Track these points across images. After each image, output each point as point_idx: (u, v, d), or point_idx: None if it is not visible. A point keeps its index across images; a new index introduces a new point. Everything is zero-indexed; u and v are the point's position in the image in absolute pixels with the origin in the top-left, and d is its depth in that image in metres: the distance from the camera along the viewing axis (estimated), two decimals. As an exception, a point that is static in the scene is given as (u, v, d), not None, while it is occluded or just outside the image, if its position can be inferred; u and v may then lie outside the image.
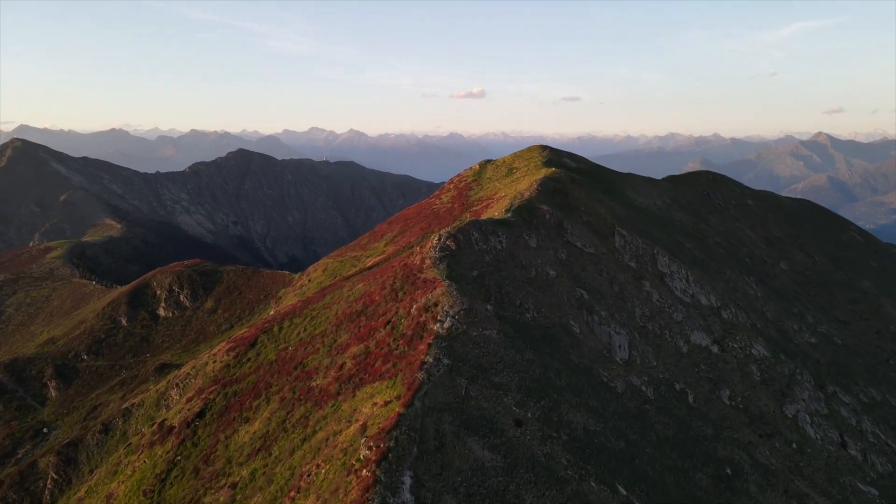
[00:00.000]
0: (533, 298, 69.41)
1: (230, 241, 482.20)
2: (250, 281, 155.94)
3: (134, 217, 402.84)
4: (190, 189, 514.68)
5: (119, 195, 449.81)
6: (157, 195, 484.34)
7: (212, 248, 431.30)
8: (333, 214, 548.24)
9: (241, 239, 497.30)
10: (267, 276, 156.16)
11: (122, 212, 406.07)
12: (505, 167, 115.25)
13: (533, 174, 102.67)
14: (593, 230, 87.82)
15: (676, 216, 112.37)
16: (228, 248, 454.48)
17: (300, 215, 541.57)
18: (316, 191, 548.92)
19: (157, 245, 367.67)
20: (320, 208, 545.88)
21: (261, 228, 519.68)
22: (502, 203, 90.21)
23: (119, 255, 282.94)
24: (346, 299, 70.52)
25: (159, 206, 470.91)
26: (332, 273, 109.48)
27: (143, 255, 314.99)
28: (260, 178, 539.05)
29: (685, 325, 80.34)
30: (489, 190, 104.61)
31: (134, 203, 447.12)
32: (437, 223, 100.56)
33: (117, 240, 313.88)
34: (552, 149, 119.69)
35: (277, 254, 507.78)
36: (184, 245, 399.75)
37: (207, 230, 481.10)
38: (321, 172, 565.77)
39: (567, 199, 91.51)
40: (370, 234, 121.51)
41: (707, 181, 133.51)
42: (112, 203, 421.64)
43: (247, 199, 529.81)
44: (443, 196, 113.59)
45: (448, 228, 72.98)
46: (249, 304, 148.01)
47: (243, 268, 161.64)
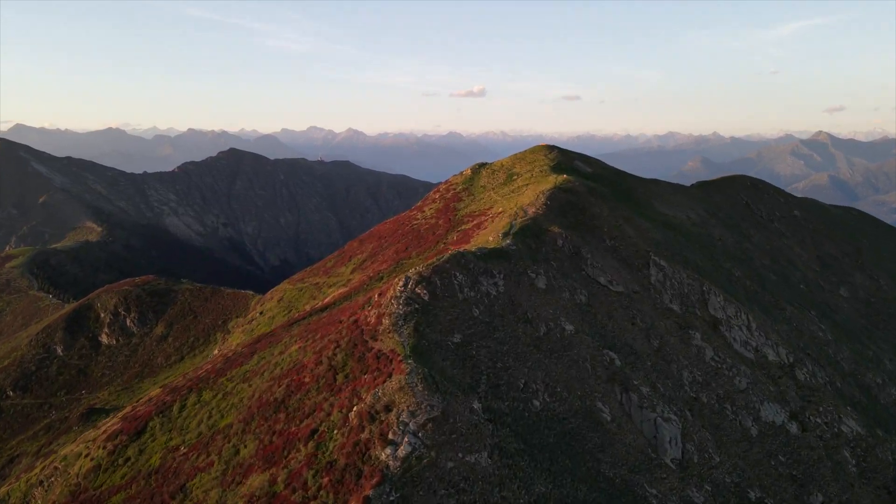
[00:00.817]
0: (544, 372, 45.94)
1: (220, 244, 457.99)
2: (208, 302, 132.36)
3: (117, 219, 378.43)
4: (179, 190, 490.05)
5: (103, 196, 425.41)
6: (143, 196, 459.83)
7: (200, 252, 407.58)
8: (327, 216, 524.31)
9: (231, 241, 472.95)
10: (227, 296, 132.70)
11: (105, 214, 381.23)
12: (503, 172, 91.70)
13: (538, 182, 79.33)
14: (621, 259, 64.35)
15: (715, 233, 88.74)
16: (218, 250, 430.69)
17: (293, 217, 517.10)
18: (310, 191, 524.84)
19: (139, 249, 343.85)
20: (314, 209, 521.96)
21: (252, 230, 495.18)
22: (499, 222, 66.82)
23: (89, 262, 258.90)
24: (271, 371, 47.50)
25: (146, 208, 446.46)
26: (287, 305, 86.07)
27: (120, 261, 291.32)
28: (252, 179, 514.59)
29: (751, 394, 56.90)
30: (483, 202, 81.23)
31: (119, 204, 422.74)
32: (415, 244, 77.08)
33: (92, 245, 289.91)
34: (560, 149, 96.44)
35: (269, 256, 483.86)
36: (170, 248, 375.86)
37: (196, 232, 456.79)
38: (315, 172, 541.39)
39: (585, 217, 68.04)
40: (339, 253, 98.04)
41: (744, 188, 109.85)
42: (95, 205, 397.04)
43: (238, 200, 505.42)
44: (426, 208, 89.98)
45: (420, 268, 49.36)
46: (205, 330, 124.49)
47: (201, 287, 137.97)
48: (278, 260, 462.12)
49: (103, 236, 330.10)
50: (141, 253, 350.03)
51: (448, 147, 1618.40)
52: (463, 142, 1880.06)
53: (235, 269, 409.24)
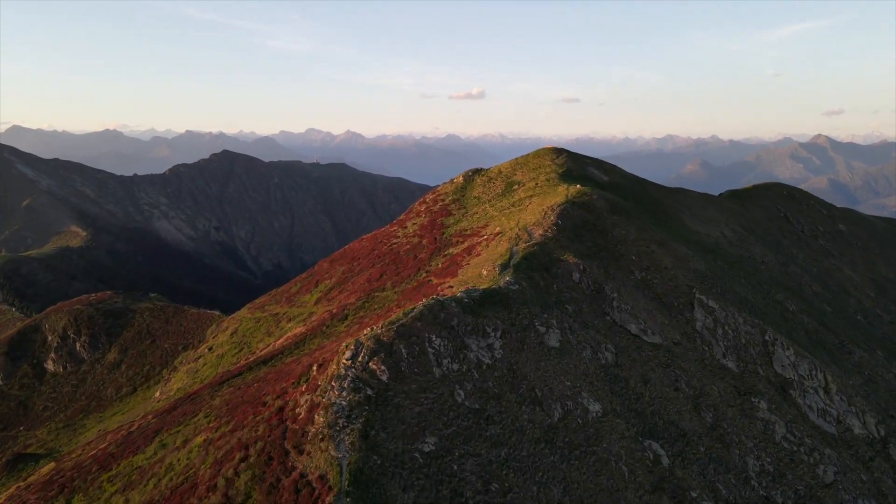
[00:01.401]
0: (561, 487, 30.07)
1: (211, 248, 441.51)
2: (169, 324, 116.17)
3: (103, 224, 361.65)
4: (170, 193, 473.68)
5: (91, 199, 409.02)
6: (133, 199, 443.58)
7: (190, 257, 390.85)
8: (322, 219, 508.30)
9: (223, 245, 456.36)
10: (191, 316, 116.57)
11: (91, 218, 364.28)
12: (501, 180, 75.67)
13: (545, 194, 63.46)
14: (655, 298, 48.46)
15: (756, 254, 72.70)
16: (209, 255, 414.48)
17: (287, 220, 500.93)
18: (304, 194, 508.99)
19: (125, 255, 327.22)
20: (308, 213, 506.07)
21: (245, 234, 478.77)
22: (496, 247, 50.92)
23: (64, 271, 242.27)
24: (159, 480, 31.77)
25: (135, 211, 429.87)
26: (240, 341, 70.06)
27: (99, 269, 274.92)
28: (245, 181, 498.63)
29: (841, 489, 41.12)
30: (477, 217, 65.34)
31: (108, 208, 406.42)
32: (392, 271, 61.07)
33: (70, 252, 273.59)
34: (570, 153, 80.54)
35: (262, 261, 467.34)
36: (158, 253, 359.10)
37: (187, 236, 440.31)
38: (310, 175, 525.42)
39: (607, 242, 52.16)
40: (307, 275, 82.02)
41: (780, 198, 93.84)
42: (81, 208, 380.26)
43: (230, 204, 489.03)
44: (409, 223, 73.90)
45: (379, 328, 33.26)
46: (163, 356, 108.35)
47: (163, 306, 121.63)
48: (271, 265, 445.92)
49: (87, 241, 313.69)
50: (126, 259, 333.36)
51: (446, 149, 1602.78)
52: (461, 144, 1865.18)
53: (227, 274, 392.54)
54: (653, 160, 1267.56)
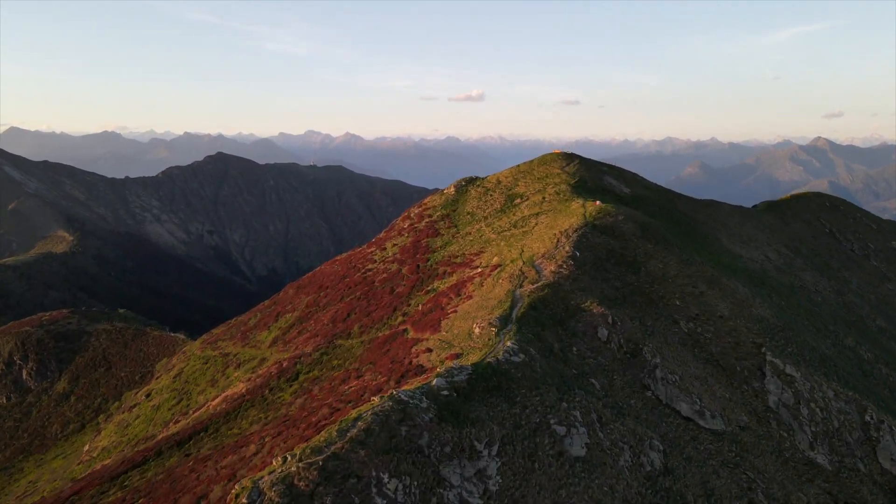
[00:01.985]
0: None
1: (205, 252, 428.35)
2: (128, 348, 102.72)
3: (91, 228, 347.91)
4: (162, 195, 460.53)
5: (81, 202, 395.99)
6: (124, 202, 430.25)
7: (182, 261, 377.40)
8: (318, 223, 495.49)
9: (216, 250, 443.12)
10: (153, 340, 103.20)
11: (79, 222, 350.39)
12: (500, 193, 62.31)
13: (556, 211, 50.25)
14: (709, 358, 35.11)
15: (807, 280, 59.31)
16: (203, 259, 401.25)
17: (282, 224, 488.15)
18: (300, 197, 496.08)
19: (112, 260, 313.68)
20: (304, 216, 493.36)
21: (239, 238, 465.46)
22: (493, 287, 37.54)
23: (41, 279, 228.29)
24: None
25: (127, 215, 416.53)
26: (181, 388, 56.67)
27: (81, 276, 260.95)
28: (239, 184, 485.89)
29: None
30: (470, 240, 52.03)
31: (98, 211, 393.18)
32: (362, 308, 47.77)
33: (50, 258, 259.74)
34: (583, 159, 67.17)
35: (256, 266, 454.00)
36: (148, 258, 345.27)
37: (180, 240, 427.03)
38: (307, 177, 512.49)
39: (640, 279, 38.89)
40: (271, 303, 68.54)
41: (823, 210, 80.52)
42: (70, 212, 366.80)
43: (224, 207, 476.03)
44: (389, 244, 60.46)
45: (295, 459, 19.89)
46: (118, 386, 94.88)
47: (123, 328, 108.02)
48: (266, 269, 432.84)
49: (73, 246, 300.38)
50: (113, 264, 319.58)
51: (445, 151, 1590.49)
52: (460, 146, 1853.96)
53: (219, 280, 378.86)
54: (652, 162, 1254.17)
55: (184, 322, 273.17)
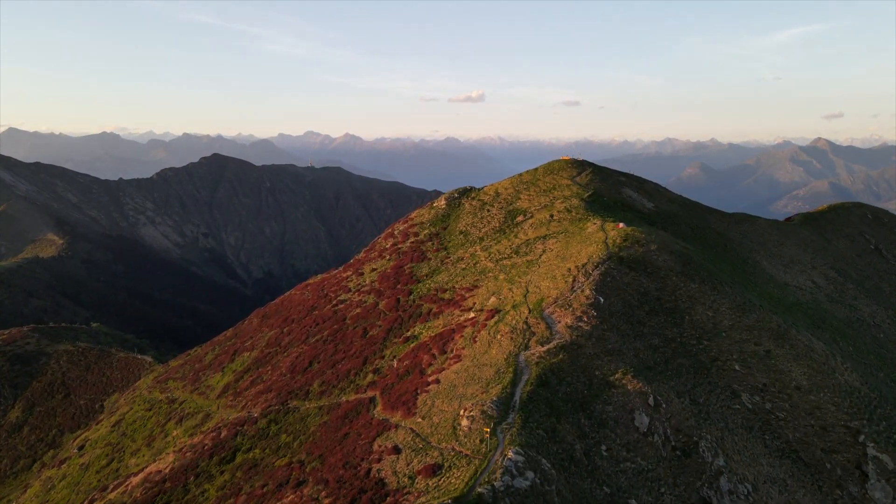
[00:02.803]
0: None
1: (199, 255, 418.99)
2: (90, 372, 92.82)
3: (82, 231, 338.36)
4: (156, 197, 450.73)
5: (74, 205, 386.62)
6: (118, 204, 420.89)
7: (175, 265, 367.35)
8: (315, 225, 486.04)
9: (211, 252, 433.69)
10: (118, 363, 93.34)
11: (70, 225, 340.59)
12: (499, 208, 52.43)
13: (569, 235, 40.54)
14: (784, 448, 25.59)
15: (863, 310, 49.62)
16: (197, 262, 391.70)
17: (279, 226, 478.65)
18: (297, 199, 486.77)
19: (102, 264, 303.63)
20: (301, 218, 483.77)
21: (234, 241, 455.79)
22: (491, 346, 27.86)
23: (23, 286, 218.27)
24: None
25: (120, 217, 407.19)
26: (118, 441, 47.01)
27: (66, 282, 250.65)
28: (235, 186, 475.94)
29: None
30: (462, 269, 42.31)
31: (91, 213, 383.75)
32: (329, 352, 38.21)
33: (35, 263, 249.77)
34: (596, 167, 57.31)
35: (252, 269, 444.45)
36: (140, 262, 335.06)
37: (174, 243, 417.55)
38: (304, 179, 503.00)
39: (683, 332, 29.25)
40: (233, 333, 58.75)
41: (864, 222, 70.63)
42: (61, 214, 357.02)
43: (220, 209, 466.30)
44: (367, 269, 50.70)
45: None
46: (76, 416, 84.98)
47: (86, 349, 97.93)
48: (262, 272, 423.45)
49: (62, 250, 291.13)
50: (102, 269, 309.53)
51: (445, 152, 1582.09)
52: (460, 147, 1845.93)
53: (212, 284, 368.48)
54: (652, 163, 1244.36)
55: (172, 328, 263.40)
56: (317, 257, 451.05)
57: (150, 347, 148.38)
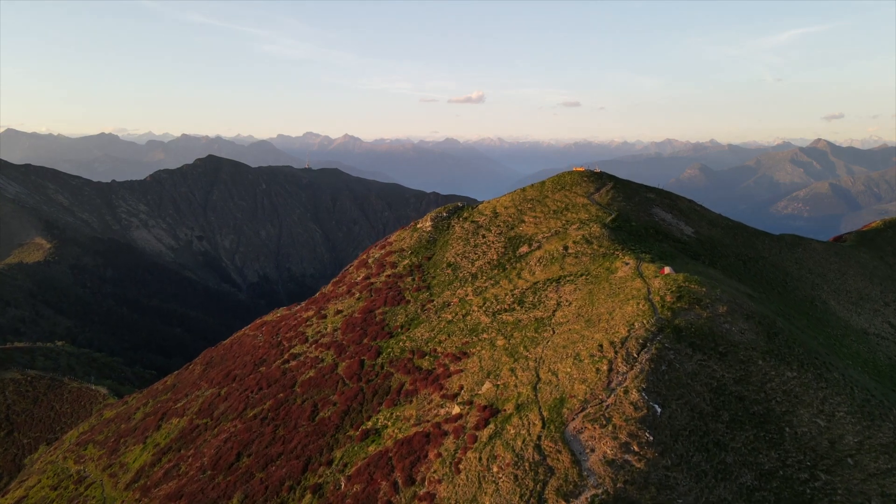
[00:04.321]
0: None
1: (193, 259, 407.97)
2: (38, 405, 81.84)
3: (72, 234, 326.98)
4: (150, 200, 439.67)
5: (65, 208, 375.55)
6: (110, 207, 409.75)
7: (167, 269, 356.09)
8: (312, 228, 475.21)
9: (205, 256, 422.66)
10: (69, 394, 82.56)
11: (59, 228, 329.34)
12: (498, 232, 41.53)
13: (591, 278, 29.74)
14: None
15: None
16: (191, 266, 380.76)
17: (274, 229, 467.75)
18: (293, 201, 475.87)
19: (91, 269, 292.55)
20: (297, 221, 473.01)
21: (229, 244, 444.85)
22: (481, 487, 17.39)
23: (1, 294, 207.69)
24: None
25: (112, 220, 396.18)
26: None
27: (50, 290, 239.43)
28: (230, 188, 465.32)
29: None
30: (447, 324, 31.63)
31: (82, 216, 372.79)
32: (269, 430, 27.30)
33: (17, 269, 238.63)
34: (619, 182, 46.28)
35: (247, 273, 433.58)
36: (132, 267, 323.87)
37: (168, 247, 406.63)
38: (301, 181, 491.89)
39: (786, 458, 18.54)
40: (172, 383, 47.64)
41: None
42: (51, 217, 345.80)
43: (214, 211, 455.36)
44: (331, 311, 39.82)
45: None
46: (16, 457, 74.07)
47: (35, 377, 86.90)
48: (257, 276, 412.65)
49: (49, 255, 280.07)
50: (91, 274, 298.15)
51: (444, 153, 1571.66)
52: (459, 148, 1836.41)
53: (205, 289, 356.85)
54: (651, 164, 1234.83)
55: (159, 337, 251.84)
56: (313, 261, 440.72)
57: (123, 365, 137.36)
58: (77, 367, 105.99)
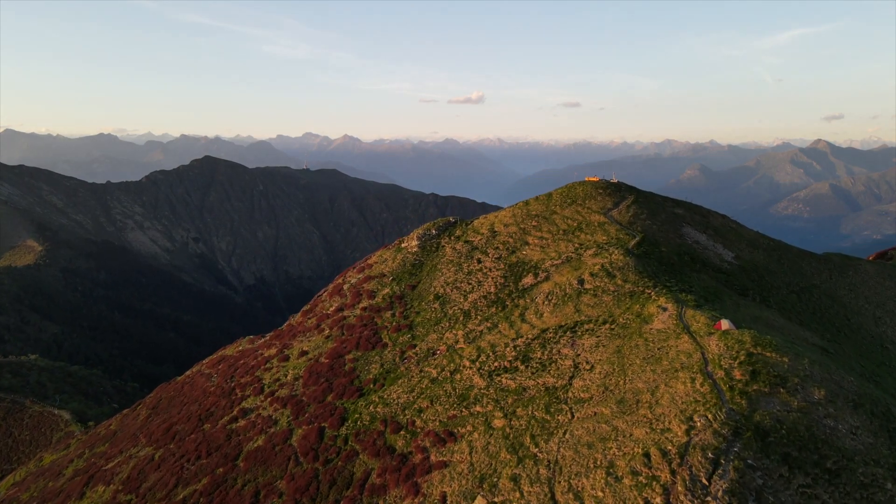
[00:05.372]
0: None
1: (189, 261, 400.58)
2: (-4, 434, 75.09)
3: (64, 237, 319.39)
4: (145, 201, 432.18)
5: (58, 209, 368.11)
6: (105, 208, 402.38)
7: (161, 272, 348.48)
8: (309, 229, 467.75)
9: (202, 258, 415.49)
10: (29, 420, 75.42)
11: (52, 230, 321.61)
12: (497, 258, 34.33)
13: (614, 328, 22.48)
14: None
15: None
16: (187, 268, 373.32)
17: (272, 230, 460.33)
18: (291, 202, 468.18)
19: (83, 273, 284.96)
20: (294, 222, 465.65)
21: (226, 246, 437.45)
22: None
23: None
24: None
25: (107, 222, 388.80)
26: None
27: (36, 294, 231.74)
28: (227, 189, 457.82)
29: None
30: (430, 383, 24.53)
31: (76, 218, 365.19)
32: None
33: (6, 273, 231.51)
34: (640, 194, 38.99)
35: (243, 275, 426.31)
36: (125, 270, 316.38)
37: (163, 248, 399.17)
38: (298, 182, 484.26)
39: None
40: (117, 424, 40.40)
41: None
42: (44, 219, 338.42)
43: (211, 213, 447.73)
44: (294, 352, 32.55)
45: None
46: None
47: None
48: (254, 278, 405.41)
49: (40, 258, 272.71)
50: (82, 278, 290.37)
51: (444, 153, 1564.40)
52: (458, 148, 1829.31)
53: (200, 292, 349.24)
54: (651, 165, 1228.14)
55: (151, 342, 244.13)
56: (310, 262, 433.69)
57: (102, 378, 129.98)
58: (48, 384, 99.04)
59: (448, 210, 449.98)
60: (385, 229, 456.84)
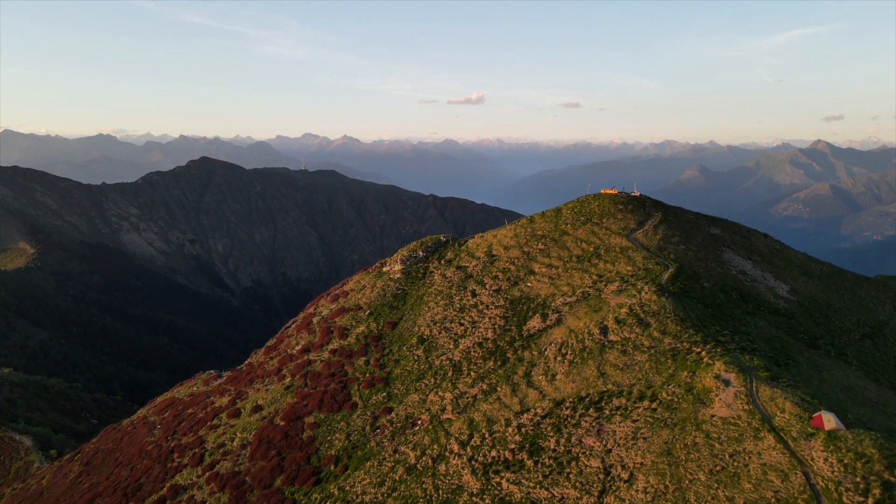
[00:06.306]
0: None
1: (185, 263, 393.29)
2: (-48, 460, 69.00)
3: (58, 239, 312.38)
4: (141, 203, 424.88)
5: (53, 211, 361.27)
6: (100, 210, 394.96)
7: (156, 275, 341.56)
8: (307, 231, 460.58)
9: (198, 260, 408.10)
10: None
11: (45, 232, 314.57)
12: (496, 289, 28.07)
13: (662, 411, 16.28)
14: None
15: None
16: (183, 271, 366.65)
17: (269, 232, 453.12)
18: (288, 204, 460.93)
19: (76, 276, 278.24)
20: (292, 224, 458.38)
21: (222, 247, 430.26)
22: None
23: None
24: None
25: (102, 224, 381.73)
26: None
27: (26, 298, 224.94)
28: (224, 190, 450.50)
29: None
30: (404, 472, 18.64)
31: (71, 220, 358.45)
32: None
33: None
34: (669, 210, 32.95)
35: (240, 277, 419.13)
36: (120, 272, 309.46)
37: (159, 250, 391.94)
38: (296, 183, 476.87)
39: None
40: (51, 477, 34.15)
41: None
42: (37, 221, 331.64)
43: (207, 214, 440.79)
44: (250, 403, 26.41)
45: None
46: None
47: (-46, 424, 73.88)
48: (251, 280, 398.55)
49: (31, 260, 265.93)
50: (75, 281, 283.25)
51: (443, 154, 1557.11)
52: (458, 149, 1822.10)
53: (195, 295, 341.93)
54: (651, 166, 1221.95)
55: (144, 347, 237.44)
56: (308, 264, 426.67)
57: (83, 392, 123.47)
58: (19, 402, 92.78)
59: (447, 211, 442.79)
60: (383, 231, 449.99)
